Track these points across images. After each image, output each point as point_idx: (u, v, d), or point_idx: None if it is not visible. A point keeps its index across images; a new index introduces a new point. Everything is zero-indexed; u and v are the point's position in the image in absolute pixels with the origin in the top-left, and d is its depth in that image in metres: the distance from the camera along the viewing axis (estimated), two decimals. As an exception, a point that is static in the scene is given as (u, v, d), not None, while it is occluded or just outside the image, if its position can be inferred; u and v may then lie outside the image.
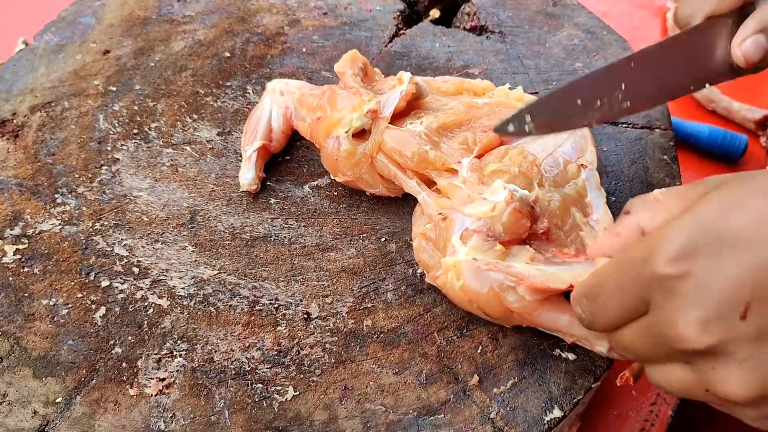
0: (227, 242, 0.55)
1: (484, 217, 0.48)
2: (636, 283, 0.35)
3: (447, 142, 0.53)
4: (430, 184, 0.53)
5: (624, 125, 0.62)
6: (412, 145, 0.52)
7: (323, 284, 0.53)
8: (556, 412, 0.47)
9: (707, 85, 0.48)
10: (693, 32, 0.48)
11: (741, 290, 0.31)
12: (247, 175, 0.56)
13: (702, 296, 0.32)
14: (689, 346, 0.32)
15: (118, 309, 0.51)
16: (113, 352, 0.50)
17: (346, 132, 0.54)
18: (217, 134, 0.61)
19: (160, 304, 0.52)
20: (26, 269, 0.53)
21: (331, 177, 0.57)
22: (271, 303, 0.52)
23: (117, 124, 0.62)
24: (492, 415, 0.47)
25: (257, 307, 0.51)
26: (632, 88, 0.47)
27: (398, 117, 0.54)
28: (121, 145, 0.60)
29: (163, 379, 0.48)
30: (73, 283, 0.53)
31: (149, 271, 0.53)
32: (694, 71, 0.48)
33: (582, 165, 0.52)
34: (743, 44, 0.46)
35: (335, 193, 0.57)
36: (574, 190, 0.51)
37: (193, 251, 0.54)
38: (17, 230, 0.55)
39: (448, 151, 0.53)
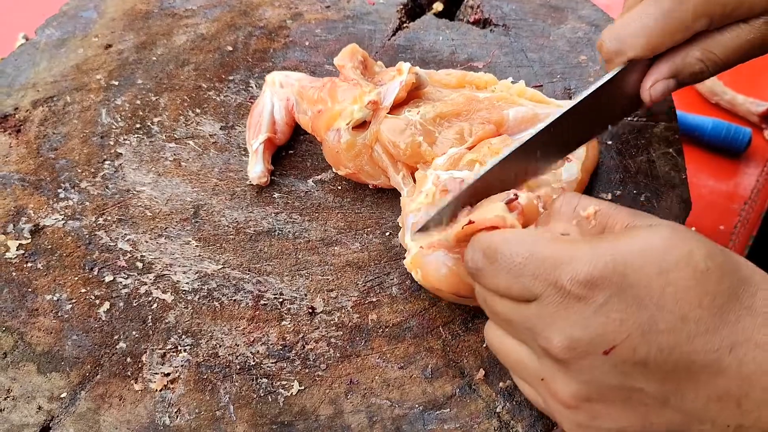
0: (231, 237, 0.54)
1: (423, 207, 0.48)
2: (537, 278, 0.36)
3: (443, 132, 0.53)
4: None
5: (628, 118, 0.61)
6: (406, 136, 0.52)
7: (328, 279, 0.52)
8: (563, 406, 0.47)
9: (610, 126, 0.50)
10: (614, 80, 0.47)
11: (618, 334, 0.34)
12: (256, 169, 0.56)
13: (586, 322, 0.35)
14: (552, 351, 0.36)
15: (122, 304, 0.51)
16: (118, 347, 0.50)
17: (347, 124, 0.53)
18: (220, 128, 0.61)
19: (164, 299, 0.51)
20: (29, 264, 0.53)
21: (334, 171, 0.57)
22: (275, 297, 0.51)
23: (119, 119, 0.61)
24: (498, 409, 0.47)
25: (262, 302, 0.51)
26: (545, 152, 0.47)
27: (398, 107, 0.54)
28: (124, 139, 0.60)
29: (168, 374, 0.48)
30: (76, 278, 0.53)
31: (153, 266, 0.53)
32: (603, 118, 0.49)
33: (566, 158, 0.52)
34: (654, 87, 0.47)
35: (339, 188, 0.57)
36: (552, 177, 0.51)
37: (197, 246, 0.54)
38: (20, 225, 0.55)
39: (442, 141, 0.52)
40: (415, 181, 0.53)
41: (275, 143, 0.58)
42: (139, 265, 0.53)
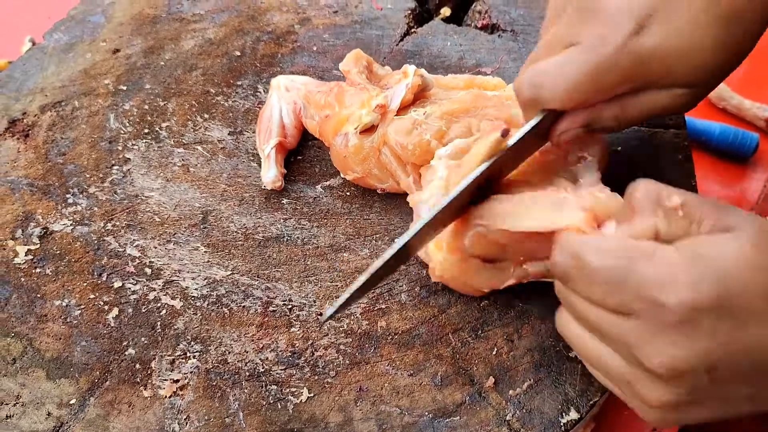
0: (240, 243, 0.54)
1: (436, 193, 0.47)
2: (638, 297, 0.35)
3: (452, 128, 0.52)
4: None
5: (638, 126, 0.61)
6: (413, 136, 0.52)
7: (337, 285, 0.52)
8: (573, 414, 0.47)
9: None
10: (529, 135, 0.46)
11: (721, 355, 0.34)
12: (270, 174, 0.56)
13: (689, 343, 0.34)
14: (651, 367, 0.35)
15: (131, 310, 0.51)
16: (127, 353, 0.49)
17: (355, 128, 0.53)
18: (229, 134, 0.61)
19: (173, 305, 0.51)
20: (38, 270, 0.53)
21: (342, 176, 0.57)
22: (284, 304, 0.51)
23: (128, 124, 0.61)
24: (508, 417, 0.47)
25: (271, 308, 0.51)
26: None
27: (405, 109, 0.54)
28: (132, 144, 0.60)
29: (177, 381, 0.48)
30: (85, 284, 0.53)
31: (162, 272, 0.53)
32: (515, 160, 0.48)
33: (583, 156, 0.51)
34: (565, 133, 0.46)
35: (348, 193, 0.57)
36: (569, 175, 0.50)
37: (205, 252, 0.54)
38: (29, 230, 0.55)
39: (451, 137, 0.52)
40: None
41: (286, 147, 0.58)
42: (148, 270, 0.53)
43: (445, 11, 0.71)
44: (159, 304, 0.51)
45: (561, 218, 0.41)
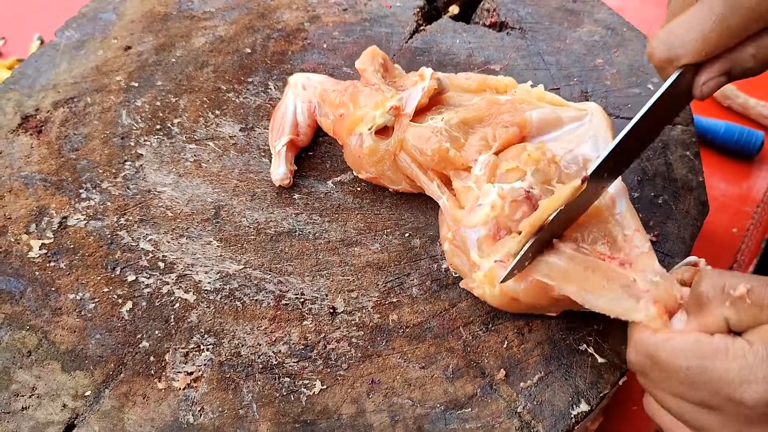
0: (252, 237, 0.55)
1: (488, 220, 0.48)
2: (716, 395, 0.37)
3: (469, 138, 0.53)
4: (450, 182, 0.53)
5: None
6: (432, 143, 0.52)
7: (348, 279, 0.53)
8: (583, 407, 0.47)
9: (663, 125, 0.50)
10: (668, 91, 0.47)
11: None
12: (279, 171, 0.56)
13: None
14: None
15: (144, 303, 0.52)
16: (141, 346, 0.50)
17: (369, 129, 0.54)
18: (240, 130, 0.61)
19: (186, 299, 0.52)
20: (52, 264, 0.54)
21: (355, 174, 0.57)
22: (296, 297, 0.52)
23: (140, 120, 0.62)
24: (519, 409, 0.47)
25: (283, 302, 0.52)
26: (611, 171, 0.47)
27: (420, 113, 0.54)
28: (144, 140, 0.61)
29: (191, 373, 0.49)
30: (99, 278, 0.53)
31: (175, 266, 0.53)
32: (658, 124, 0.49)
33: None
34: (707, 84, 0.46)
35: (358, 189, 0.58)
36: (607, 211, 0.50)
37: (218, 246, 0.54)
38: (42, 225, 0.55)
39: (469, 146, 0.53)
40: (450, 188, 0.53)
41: (298, 145, 0.59)
42: (161, 264, 0.54)
43: (454, 9, 0.71)
44: (172, 298, 0.52)
45: (635, 311, 0.42)
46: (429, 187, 0.53)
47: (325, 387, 0.48)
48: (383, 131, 0.54)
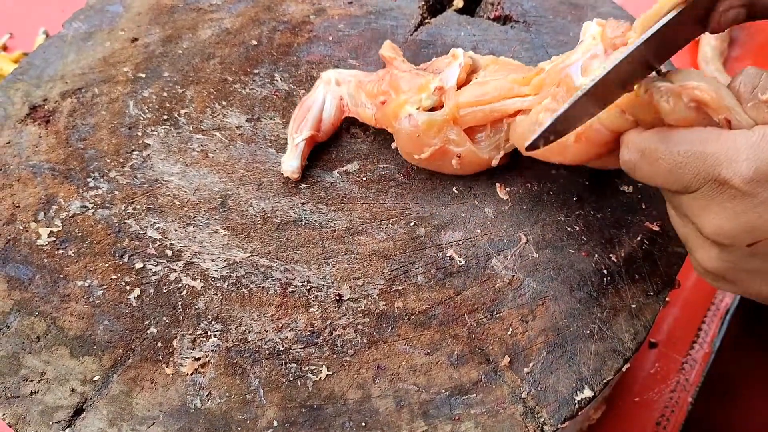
0: (258, 226, 0.55)
1: (592, 47, 0.48)
2: (696, 176, 0.39)
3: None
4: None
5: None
6: (489, 87, 0.53)
7: (354, 267, 0.53)
8: (587, 392, 0.47)
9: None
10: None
11: (764, 232, 0.38)
12: (292, 163, 0.57)
13: (737, 216, 0.38)
14: (705, 234, 0.40)
15: (152, 290, 0.52)
16: (149, 332, 0.50)
17: (418, 109, 0.54)
18: (246, 120, 0.62)
19: (193, 286, 0.52)
20: (61, 251, 0.54)
21: (413, 158, 0.57)
22: (303, 285, 0.52)
23: (147, 110, 0.62)
24: (523, 395, 0.48)
25: (290, 289, 0.52)
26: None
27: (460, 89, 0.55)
28: (152, 130, 0.61)
29: (199, 359, 0.49)
30: (107, 265, 0.54)
31: (182, 254, 0.54)
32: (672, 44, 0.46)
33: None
34: (726, 13, 0.45)
35: (364, 179, 0.58)
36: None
37: (225, 234, 0.55)
38: (51, 213, 0.56)
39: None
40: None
41: (316, 141, 0.59)
42: (169, 252, 0.54)
43: (458, 2, 0.72)
44: (180, 285, 0.53)
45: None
46: (506, 105, 0.53)
47: (331, 373, 0.49)
48: (430, 110, 0.55)
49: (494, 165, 0.56)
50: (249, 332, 0.50)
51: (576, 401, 0.47)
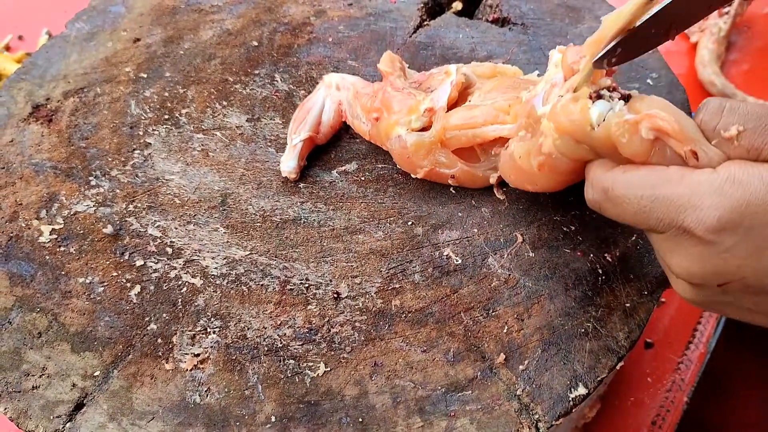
0: (258, 224, 0.56)
1: (552, 77, 0.48)
2: (661, 221, 0.39)
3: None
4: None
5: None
6: (477, 112, 0.53)
7: (352, 265, 0.54)
8: (581, 390, 0.48)
9: None
10: None
11: (733, 275, 0.37)
12: (290, 163, 0.57)
13: (704, 261, 0.38)
14: (675, 273, 0.41)
15: (152, 287, 0.53)
16: (149, 328, 0.51)
17: (407, 130, 0.55)
18: (246, 120, 0.63)
19: (193, 283, 0.53)
20: (62, 248, 0.55)
21: (413, 176, 0.58)
22: (301, 283, 0.53)
23: (148, 110, 0.63)
24: (518, 392, 0.48)
25: (288, 287, 0.53)
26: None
27: (450, 108, 0.55)
28: (153, 130, 0.62)
29: (198, 355, 0.50)
30: (108, 263, 0.54)
31: (182, 252, 0.55)
32: None
33: None
34: None
35: (362, 179, 0.59)
36: None
37: (224, 233, 0.56)
38: (53, 211, 0.57)
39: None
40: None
41: (315, 142, 0.60)
42: (169, 250, 0.55)
43: (457, 5, 0.72)
44: (180, 282, 0.53)
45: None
46: (491, 130, 0.53)
47: (328, 369, 0.49)
48: (420, 130, 0.56)
49: (492, 183, 0.57)
50: (248, 329, 0.51)
51: (570, 398, 0.48)
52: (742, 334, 0.81)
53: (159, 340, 0.51)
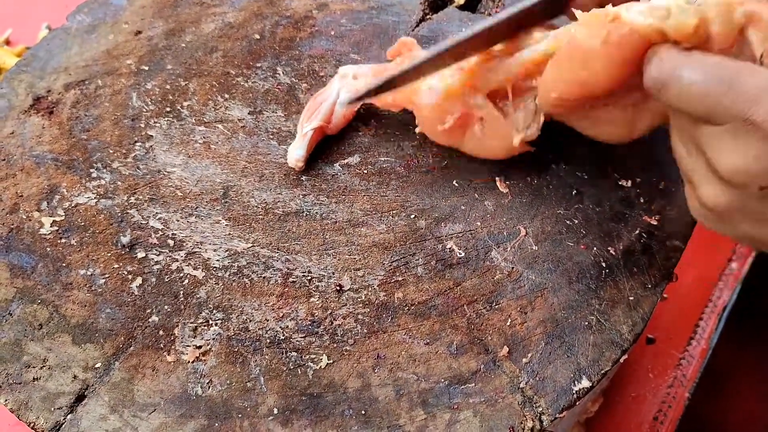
0: (260, 217, 0.56)
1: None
2: (729, 111, 0.37)
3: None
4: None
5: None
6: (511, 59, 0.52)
7: (355, 258, 0.54)
8: (585, 383, 0.48)
9: None
10: None
11: None
12: (298, 152, 0.57)
13: (761, 156, 0.37)
14: (719, 169, 0.39)
15: (154, 279, 0.53)
16: (150, 320, 0.51)
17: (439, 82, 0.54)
18: (249, 113, 0.62)
19: (195, 275, 0.53)
20: (63, 240, 0.55)
21: (437, 131, 0.57)
22: (304, 275, 0.53)
23: (150, 102, 0.63)
24: (522, 385, 0.48)
25: (291, 279, 0.53)
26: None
27: None
28: (154, 122, 0.62)
29: (200, 347, 0.50)
30: (109, 254, 0.54)
31: (184, 244, 0.54)
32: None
33: None
34: None
35: (365, 171, 0.59)
36: None
37: (226, 225, 0.55)
38: (54, 203, 0.56)
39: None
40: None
41: (325, 132, 0.59)
42: (171, 242, 0.54)
43: (460, -1, 0.72)
44: (182, 274, 0.53)
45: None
46: (530, 50, 0.52)
47: (331, 361, 0.49)
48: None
49: (517, 144, 0.55)
50: (250, 321, 0.51)
51: (574, 391, 0.48)
52: (743, 331, 0.81)
53: (161, 332, 0.50)
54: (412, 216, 0.56)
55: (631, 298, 0.52)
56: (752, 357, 0.80)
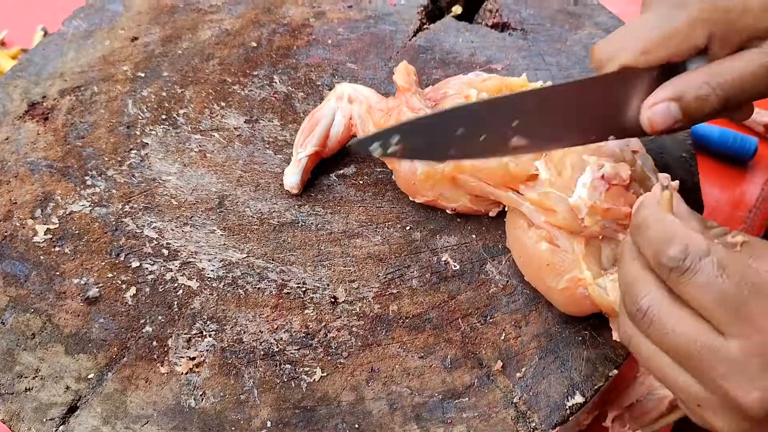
0: (255, 227, 0.56)
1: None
2: (736, 315, 0.34)
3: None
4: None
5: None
6: (492, 161, 0.51)
7: (350, 270, 0.54)
8: (578, 398, 0.48)
9: (612, 137, 0.46)
10: (604, 80, 0.44)
11: None
12: (293, 178, 0.56)
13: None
14: (740, 400, 0.34)
15: (148, 289, 0.53)
16: (144, 331, 0.51)
17: None
18: (245, 122, 0.62)
19: (189, 286, 0.53)
20: (57, 248, 0.54)
21: (411, 198, 0.57)
22: (298, 287, 0.53)
23: (145, 110, 0.63)
24: (515, 400, 0.48)
25: (285, 291, 0.52)
26: (526, 126, 0.43)
27: None
28: (150, 130, 0.61)
29: (194, 358, 0.50)
30: (103, 263, 0.54)
31: (179, 253, 0.54)
32: (601, 121, 0.45)
33: (634, 150, 0.51)
34: (653, 108, 0.43)
35: (361, 182, 0.59)
36: (637, 175, 0.50)
37: (221, 235, 0.55)
38: (48, 210, 0.56)
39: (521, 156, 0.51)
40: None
41: (321, 156, 0.58)
42: (165, 252, 0.54)
43: (457, 9, 0.72)
44: (176, 284, 0.53)
45: None
46: (505, 197, 0.52)
47: (325, 374, 0.49)
48: None
49: (492, 215, 0.56)
50: (244, 333, 0.51)
51: (567, 407, 0.48)
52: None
53: (154, 343, 0.50)
54: (408, 228, 0.56)
55: (625, 313, 0.52)
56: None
